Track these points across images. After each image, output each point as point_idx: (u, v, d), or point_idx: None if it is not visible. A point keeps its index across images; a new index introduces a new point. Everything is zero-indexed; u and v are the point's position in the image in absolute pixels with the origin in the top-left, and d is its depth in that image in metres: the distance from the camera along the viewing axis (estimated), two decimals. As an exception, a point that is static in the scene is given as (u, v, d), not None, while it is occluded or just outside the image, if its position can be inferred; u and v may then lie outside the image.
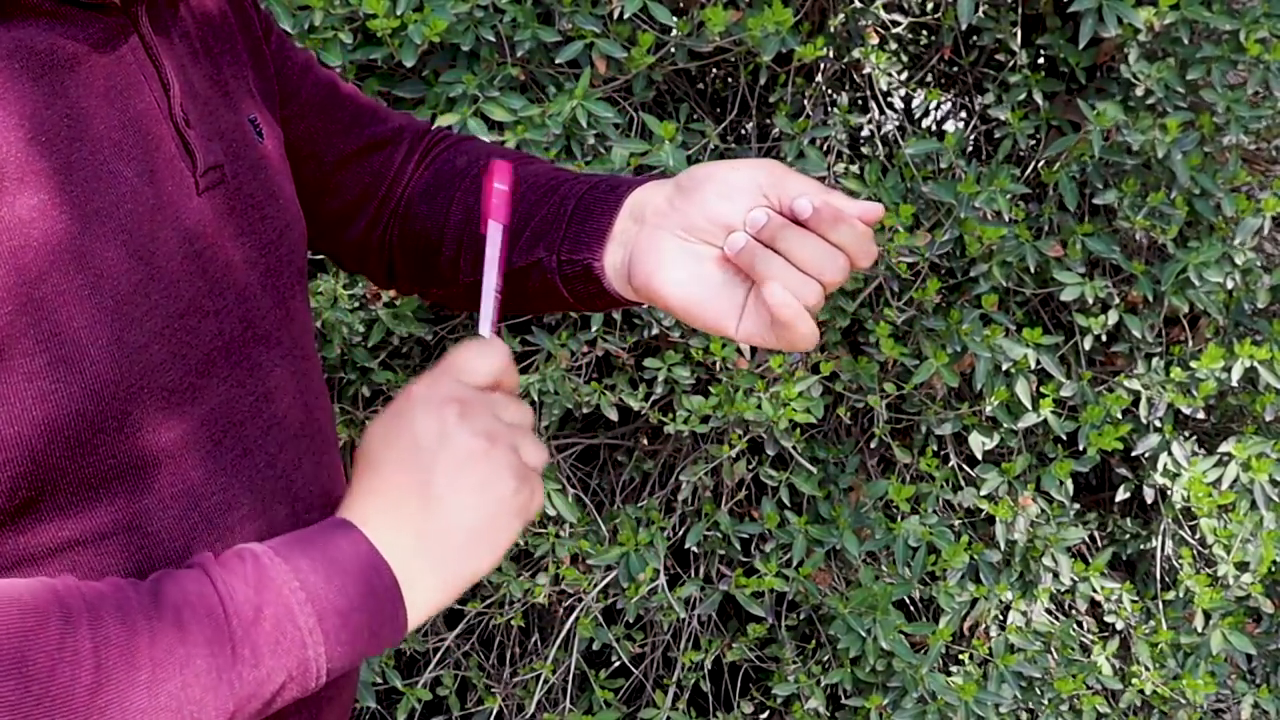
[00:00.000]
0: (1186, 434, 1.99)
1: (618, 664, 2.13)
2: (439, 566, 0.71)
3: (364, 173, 1.03)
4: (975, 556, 1.93)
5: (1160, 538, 2.06)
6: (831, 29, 1.87)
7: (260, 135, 0.87)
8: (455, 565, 0.71)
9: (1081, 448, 1.90)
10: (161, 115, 0.76)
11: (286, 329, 0.84)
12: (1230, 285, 1.87)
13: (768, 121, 1.98)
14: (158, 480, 0.72)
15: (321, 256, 1.66)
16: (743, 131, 2.01)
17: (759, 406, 1.80)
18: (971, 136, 2.02)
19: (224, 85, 0.85)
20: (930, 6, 1.97)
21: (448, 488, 0.71)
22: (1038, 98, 1.88)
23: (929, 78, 2.05)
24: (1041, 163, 1.90)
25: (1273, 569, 1.94)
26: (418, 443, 0.71)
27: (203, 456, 0.75)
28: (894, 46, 1.98)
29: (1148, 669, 1.95)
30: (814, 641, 2.08)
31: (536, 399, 1.85)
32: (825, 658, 2.07)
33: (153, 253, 0.72)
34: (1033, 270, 1.89)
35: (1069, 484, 1.97)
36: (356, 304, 1.78)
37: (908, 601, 2.14)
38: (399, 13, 1.59)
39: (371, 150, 1.03)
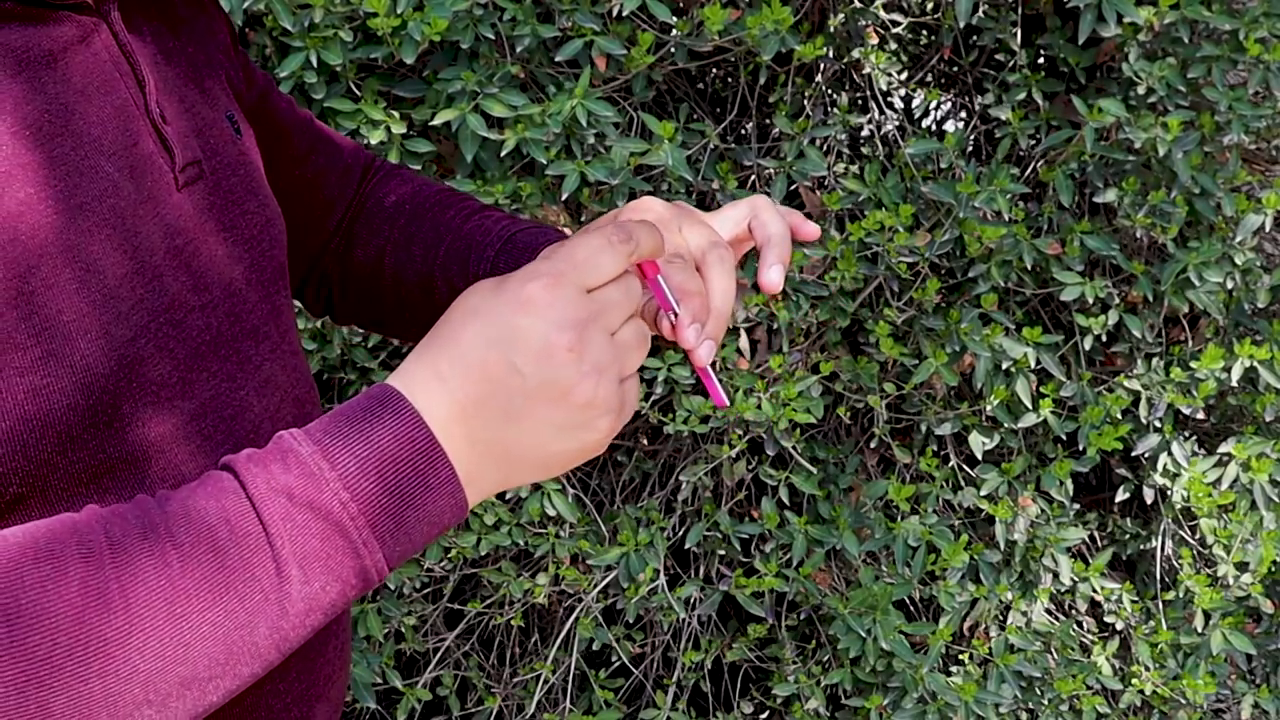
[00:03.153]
0: (1186, 434, 1.99)
1: (618, 664, 2.13)
2: (499, 474, 0.65)
3: (310, 204, 1.04)
4: (975, 556, 1.93)
5: (1160, 538, 2.06)
6: (831, 29, 1.87)
7: (238, 132, 0.87)
8: (517, 477, 0.66)
9: (1081, 448, 1.90)
10: (138, 111, 0.76)
11: (274, 323, 0.84)
12: (1230, 285, 1.87)
13: (768, 121, 1.98)
14: (149, 475, 0.71)
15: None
16: (743, 131, 2.01)
17: (759, 406, 1.80)
18: (971, 136, 2.02)
19: (200, 82, 0.85)
20: (930, 6, 1.97)
21: (531, 422, 0.64)
22: (1038, 97, 1.88)
23: (929, 78, 2.05)
24: (1041, 162, 1.90)
25: (1272, 569, 1.94)
26: (514, 361, 0.62)
27: (194, 451, 0.74)
28: (894, 46, 1.99)
29: (1148, 669, 1.95)
30: (814, 641, 2.08)
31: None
32: (825, 658, 2.06)
33: (137, 248, 0.72)
34: (1032, 270, 1.89)
35: (1069, 484, 1.97)
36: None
37: (908, 601, 2.14)
38: (399, 11, 1.59)
39: (318, 183, 1.05)
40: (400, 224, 1.04)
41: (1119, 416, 1.89)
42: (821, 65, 1.91)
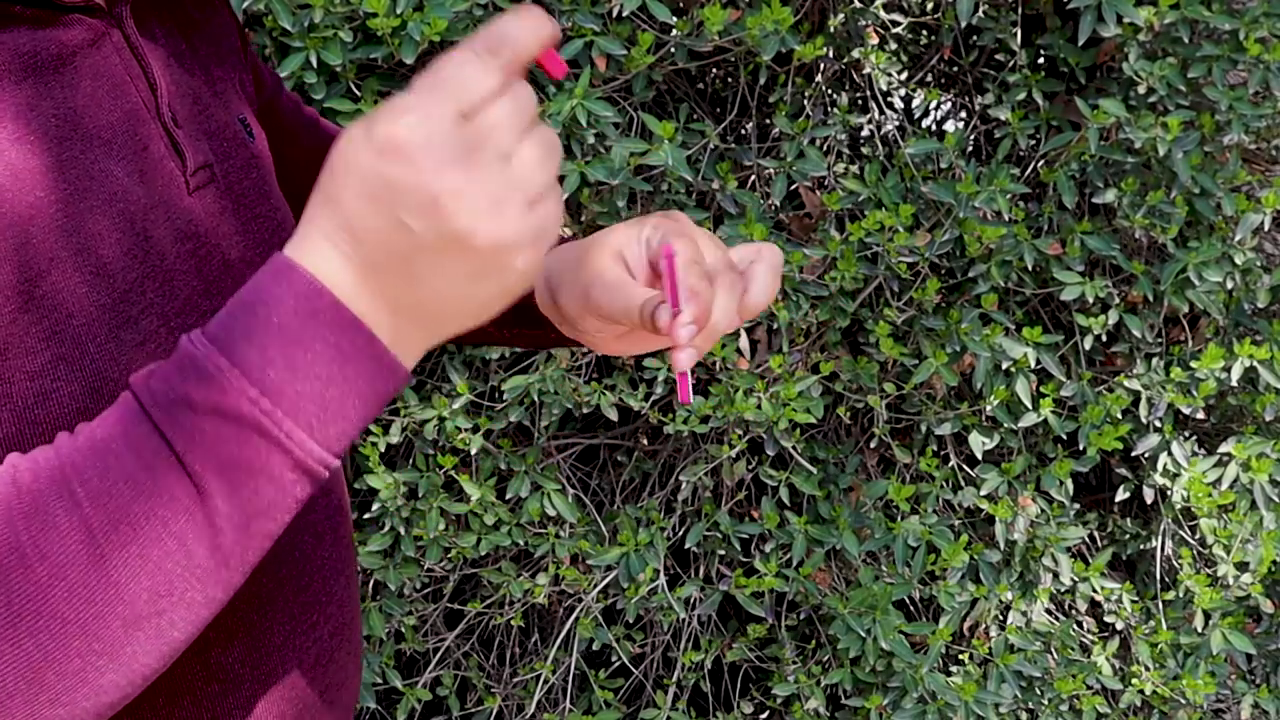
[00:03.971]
0: (1186, 434, 1.99)
1: (618, 664, 2.13)
2: (425, 331, 0.60)
3: None
4: (975, 556, 1.93)
5: (1160, 538, 2.06)
6: (831, 29, 1.87)
7: (251, 135, 0.86)
8: (447, 330, 0.61)
9: (1081, 447, 1.90)
10: (149, 115, 0.75)
11: None
12: (1230, 285, 1.87)
13: (768, 121, 1.98)
14: None
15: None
16: (743, 131, 2.01)
17: (759, 406, 1.80)
18: (971, 136, 2.02)
19: (213, 84, 0.85)
20: (930, 6, 1.97)
21: (439, 278, 0.57)
22: (1038, 98, 1.88)
23: (929, 78, 2.05)
24: (1041, 162, 1.90)
25: (1272, 569, 1.94)
26: (401, 217, 0.55)
27: None
28: (894, 46, 1.99)
29: (1148, 669, 1.95)
30: (814, 641, 2.08)
31: (537, 399, 1.85)
32: (825, 658, 2.06)
33: (146, 252, 0.71)
34: (1032, 270, 1.89)
35: (1069, 484, 1.97)
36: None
37: (908, 601, 2.14)
38: (399, 11, 1.59)
39: None
40: None
41: (1119, 416, 1.89)
42: (821, 65, 1.91)
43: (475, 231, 0.55)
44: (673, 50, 1.76)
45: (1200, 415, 1.95)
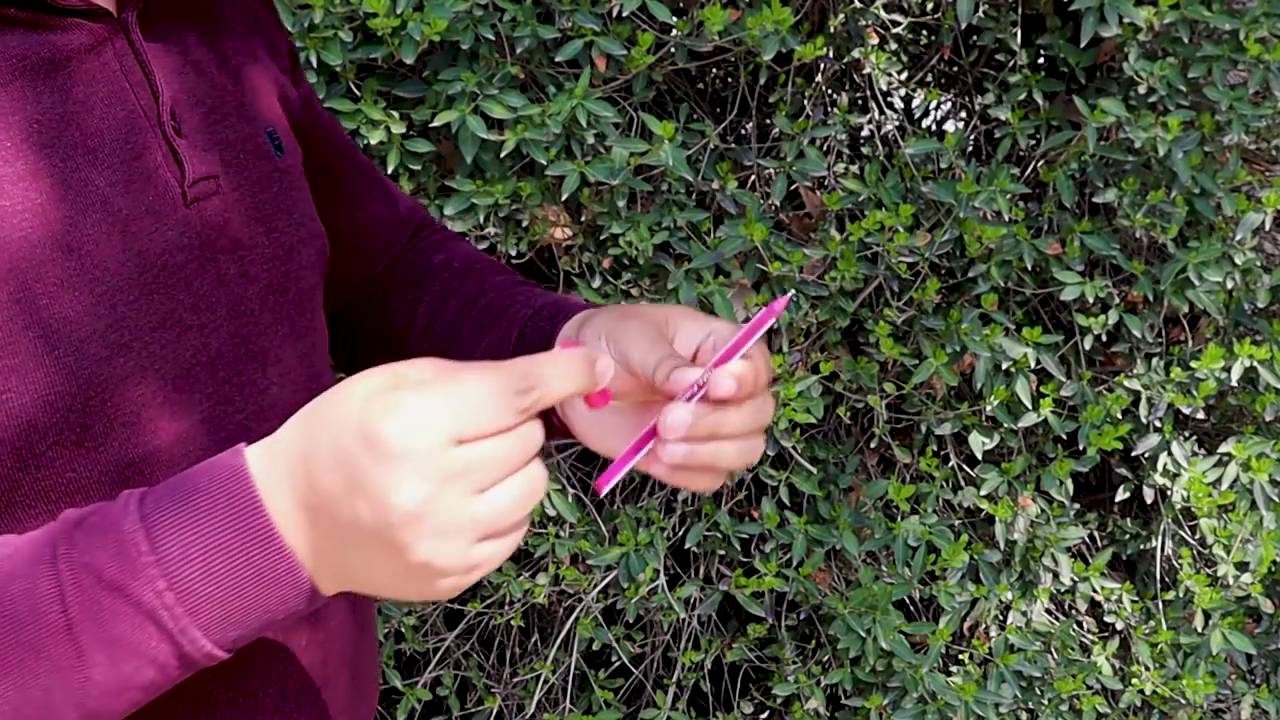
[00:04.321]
0: (1186, 434, 1.99)
1: (618, 664, 2.13)
2: (342, 582, 0.60)
3: (356, 249, 1.00)
4: (975, 556, 1.93)
5: (1160, 538, 2.06)
6: (831, 29, 1.87)
7: (279, 149, 0.84)
8: (365, 589, 0.61)
9: (1081, 447, 1.90)
10: (148, 123, 0.74)
11: (290, 347, 0.81)
12: (1230, 285, 1.87)
13: (768, 121, 1.98)
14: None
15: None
16: (743, 131, 2.01)
17: (759, 406, 1.80)
18: (971, 136, 2.02)
19: (239, 95, 0.83)
20: (930, 6, 1.97)
21: (365, 558, 0.57)
22: (1038, 98, 1.88)
23: (929, 78, 2.05)
24: (1041, 162, 1.90)
25: (1272, 569, 1.94)
26: (353, 499, 0.55)
27: (179, 471, 0.72)
28: (894, 46, 1.98)
29: (1148, 669, 1.95)
30: (814, 641, 2.08)
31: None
32: (825, 658, 2.07)
33: (123, 264, 0.70)
34: (1032, 270, 1.89)
35: (1069, 484, 1.97)
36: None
37: (907, 601, 2.14)
38: (399, 11, 1.59)
39: (369, 229, 1.01)
40: (444, 278, 0.98)
41: (1119, 416, 1.89)
42: (821, 65, 1.91)
43: (412, 547, 0.55)
44: (673, 50, 1.76)
45: (1200, 415, 1.95)
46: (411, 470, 0.54)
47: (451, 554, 0.55)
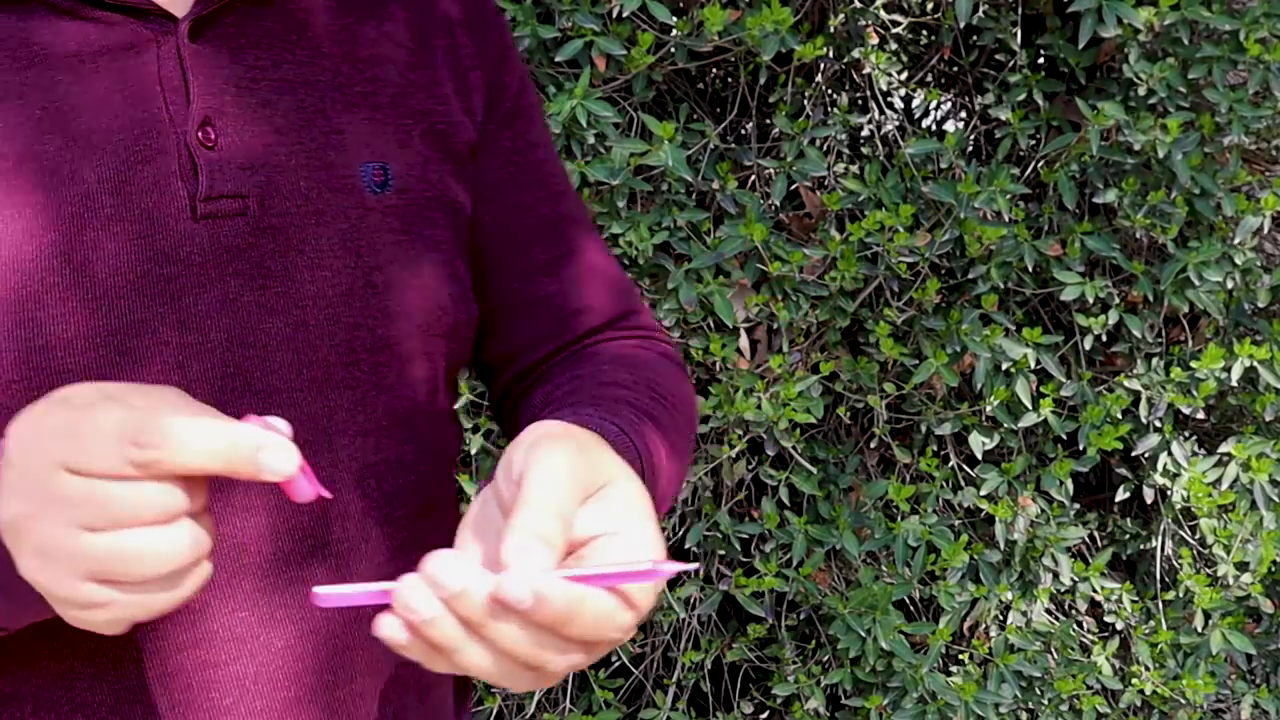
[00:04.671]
0: (1186, 434, 1.99)
1: (618, 664, 2.13)
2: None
3: (516, 332, 0.88)
4: (975, 556, 1.93)
5: (1160, 538, 2.06)
6: (831, 29, 1.87)
7: (379, 187, 0.77)
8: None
9: (1081, 448, 1.90)
10: (172, 130, 0.71)
11: (321, 395, 0.74)
12: (1230, 285, 1.87)
13: (768, 121, 1.99)
14: None
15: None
16: (743, 131, 2.01)
17: (759, 406, 1.80)
18: (971, 136, 2.02)
19: (339, 124, 0.77)
20: (930, 6, 1.97)
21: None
22: (1038, 98, 1.88)
23: (929, 78, 2.05)
24: (1041, 163, 1.90)
25: (1272, 569, 1.94)
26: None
27: None
28: (894, 46, 1.99)
29: (1147, 669, 1.95)
30: (814, 641, 2.08)
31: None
32: (825, 658, 2.07)
33: (91, 263, 0.68)
34: (1032, 270, 1.89)
35: (1069, 484, 1.97)
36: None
37: (907, 601, 2.14)
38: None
39: (536, 310, 0.88)
40: (585, 368, 0.86)
41: (1119, 416, 1.89)
42: (821, 65, 1.91)
43: (17, 559, 0.54)
44: (673, 50, 1.76)
45: (1200, 415, 1.95)
46: (16, 482, 0.53)
47: (55, 580, 0.53)
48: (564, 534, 0.55)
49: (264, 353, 0.73)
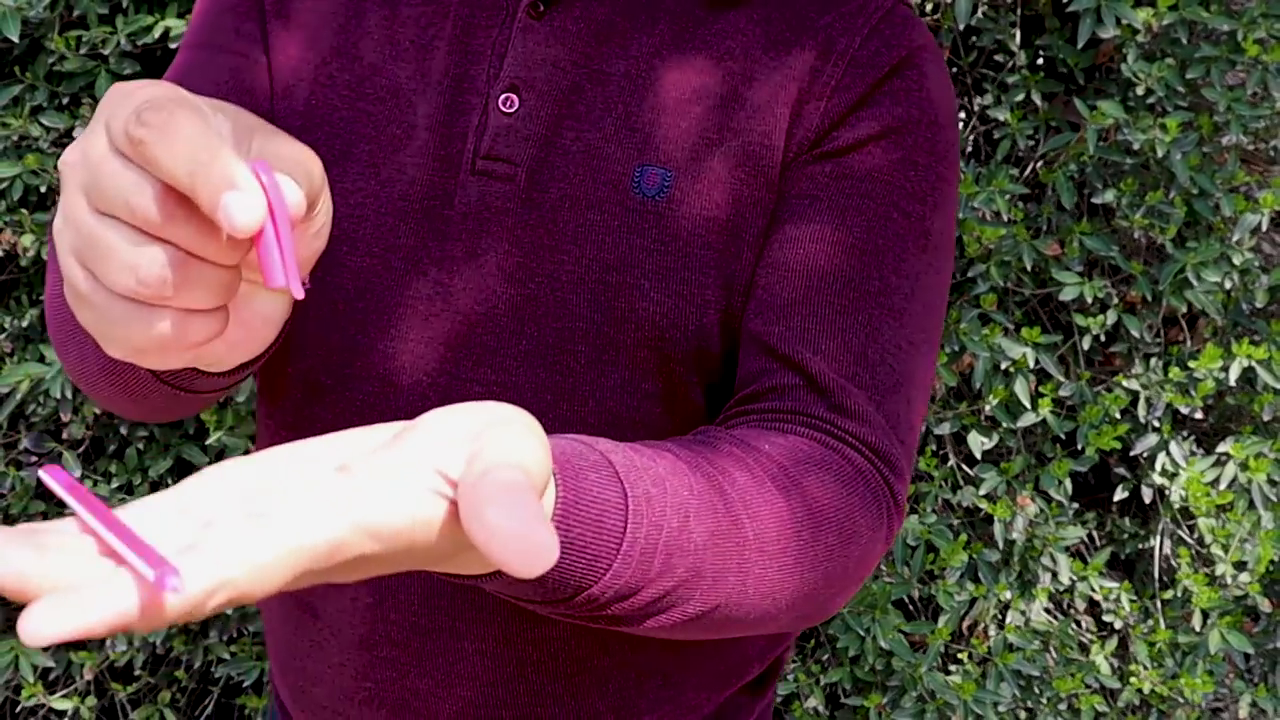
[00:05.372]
0: (1185, 434, 1.99)
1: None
2: None
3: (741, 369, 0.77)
4: (974, 556, 1.94)
5: (1158, 537, 2.07)
6: (831, 29, 1.87)
7: (653, 192, 0.74)
8: None
9: (1080, 447, 1.90)
10: (479, 87, 0.77)
11: (523, 368, 0.74)
12: (1228, 285, 1.87)
13: (767, 122, 1.99)
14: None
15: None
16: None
17: (758, 406, 1.81)
18: (971, 137, 2.02)
19: (629, 119, 0.75)
20: (930, 7, 1.98)
21: None
22: (1037, 98, 1.89)
23: (928, 78, 2.05)
24: (1040, 163, 1.90)
25: (1270, 568, 1.95)
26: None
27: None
28: (893, 47, 1.99)
29: (1146, 668, 1.96)
30: (813, 640, 2.09)
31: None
32: (824, 656, 2.07)
33: (391, 181, 0.76)
34: (1031, 270, 1.89)
35: (1067, 483, 1.97)
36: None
37: (906, 600, 2.15)
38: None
39: (742, 360, 0.76)
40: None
41: (1117, 416, 1.90)
42: (821, 66, 1.91)
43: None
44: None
45: (1198, 415, 1.96)
46: (87, 129, 0.49)
47: (61, 242, 0.49)
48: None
49: (491, 314, 0.75)
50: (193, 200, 0.45)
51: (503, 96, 0.76)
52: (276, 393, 0.82)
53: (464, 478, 0.40)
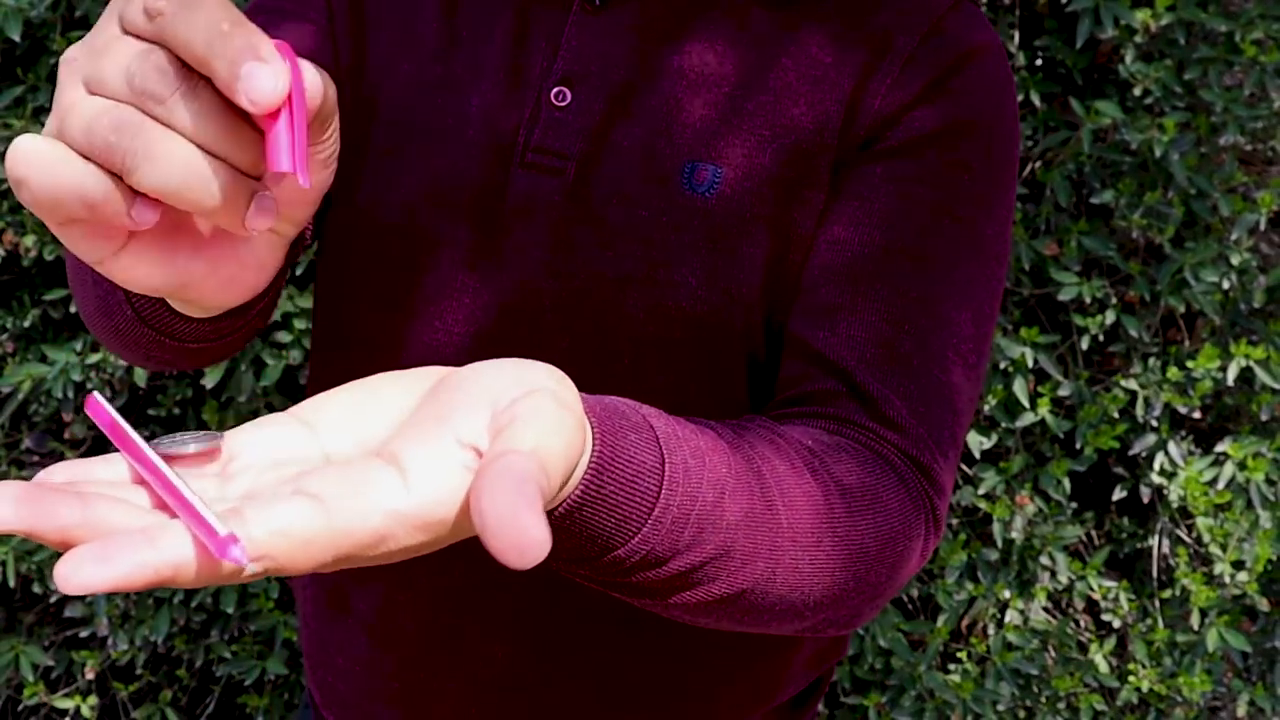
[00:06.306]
0: (1183, 433, 2.00)
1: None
2: None
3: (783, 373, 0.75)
4: (973, 555, 1.94)
5: (1157, 537, 2.07)
6: (830, 30, 1.88)
7: (702, 188, 0.73)
8: None
9: (1079, 447, 1.90)
10: (538, 82, 0.76)
11: (567, 364, 0.72)
12: (1226, 285, 1.88)
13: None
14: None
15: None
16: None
17: (758, 405, 1.81)
18: (969, 137, 2.03)
19: (679, 114, 0.74)
20: (928, 8, 1.98)
21: None
22: (1035, 99, 1.89)
23: (927, 79, 2.05)
24: (1038, 163, 1.91)
25: (1268, 567, 1.95)
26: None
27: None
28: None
29: (1144, 667, 1.96)
30: (812, 640, 2.09)
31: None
32: (824, 656, 2.07)
33: (441, 174, 0.76)
34: (1030, 270, 1.90)
35: (1066, 483, 1.97)
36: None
37: (906, 600, 2.15)
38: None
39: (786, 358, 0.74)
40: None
41: (1116, 416, 1.90)
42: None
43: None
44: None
45: (1197, 415, 1.96)
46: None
47: (54, 108, 0.44)
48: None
49: (535, 308, 0.74)
50: (207, 73, 0.42)
51: (555, 90, 0.75)
52: (322, 383, 0.82)
53: (485, 458, 0.40)
